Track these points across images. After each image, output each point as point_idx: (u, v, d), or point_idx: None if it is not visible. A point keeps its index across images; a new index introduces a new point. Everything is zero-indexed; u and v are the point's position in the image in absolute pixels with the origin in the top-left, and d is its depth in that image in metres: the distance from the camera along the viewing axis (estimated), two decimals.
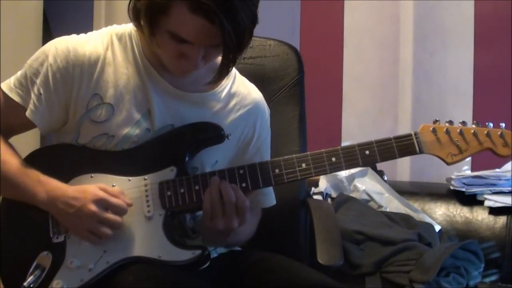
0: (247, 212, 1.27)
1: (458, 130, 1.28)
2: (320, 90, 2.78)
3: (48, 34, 2.53)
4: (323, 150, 1.30)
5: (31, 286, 1.23)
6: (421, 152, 1.28)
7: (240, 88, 1.45)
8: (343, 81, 2.87)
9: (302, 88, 1.77)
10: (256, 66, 1.75)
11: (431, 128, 1.29)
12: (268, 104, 1.51)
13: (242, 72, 1.51)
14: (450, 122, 1.30)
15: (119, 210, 1.26)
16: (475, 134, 1.27)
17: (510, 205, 2.21)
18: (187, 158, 1.34)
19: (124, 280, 1.20)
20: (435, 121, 1.30)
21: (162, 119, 1.34)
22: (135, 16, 1.26)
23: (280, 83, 1.75)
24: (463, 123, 1.29)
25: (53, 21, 2.77)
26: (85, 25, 1.47)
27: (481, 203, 2.28)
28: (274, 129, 1.52)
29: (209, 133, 1.36)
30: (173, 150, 1.34)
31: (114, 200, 1.26)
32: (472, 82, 2.70)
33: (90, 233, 1.26)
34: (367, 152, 1.29)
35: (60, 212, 1.27)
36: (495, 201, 2.24)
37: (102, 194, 1.25)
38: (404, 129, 2.76)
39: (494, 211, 2.24)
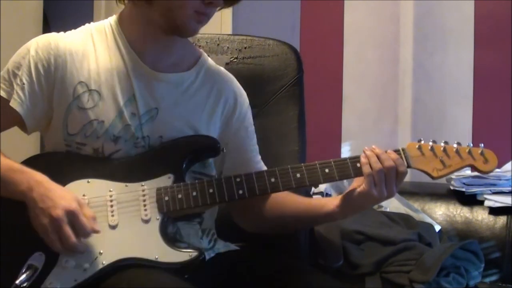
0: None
1: (442, 148, 1.37)
2: (320, 90, 2.78)
3: None
4: (316, 162, 1.35)
5: (23, 285, 1.22)
6: (408, 166, 1.35)
7: (213, 68, 1.49)
8: (343, 81, 2.87)
9: (301, 88, 1.77)
10: (255, 66, 1.76)
11: (417, 146, 1.37)
12: (267, 104, 1.53)
13: (242, 72, 1.52)
14: (434, 142, 1.38)
15: (81, 230, 1.22)
16: (457, 151, 1.36)
17: (510, 205, 2.21)
18: (184, 166, 1.35)
19: (118, 283, 1.20)
20: (419, 140, 1.38)
21: (145, 102, 1.37)
22: None
23: (279, 83, 1.75)
24: (446, 142, 1.38)
25: (53, 21, 2.77)
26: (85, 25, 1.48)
27: (481, 203, 2.28)
28: (273, 129, 1.53)
29: (205, 145, 1.39)
30: (171, 159, 1.35)
31: (83, 221, 1.22)
32: (472, 82, 2.70)
33: (45, 233, 1.22)
34: (358, 164, 1.34)
35: (32, 203, 1.23)
36: (495, 201, 2.24)
37: (75, 206, 1.22)
38: (404, 129, 2.76)
39: (494, 211, 2.23)
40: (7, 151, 1.36)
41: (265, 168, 1.49)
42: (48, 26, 2.70)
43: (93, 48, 1.38)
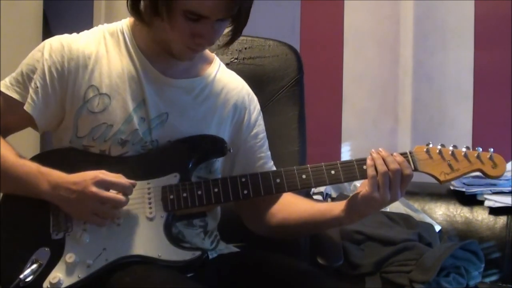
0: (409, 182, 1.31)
1: (450, 152, 1.34)
2: (320, 90, 2.78)
3: (48, 34, 2.52)
4: (322, 163, 1.34)
5: (27, 279, 1.24)
6: (415, 169, 1.33)
7: (225, 74, 1.49)
8: (343, 81, 2.86)
9: (301, 88, 1.77)
10: (255, 66, 1.76)
11: (425, 149, 1.34)
12: (267, 104, 1.52)
13: (242, 72, 1.52)
14: (442, 145, 1.35)
15: (120, 188, 1.27)
16: (466, 155, 1.34)
17: (510, 205, 2.21)
18: (190, 165, 1.35)
19: (120, 280, 1.21)
20: (428, 144, 1.36)
21: (156, 107, 1.37)
22: (137, 9, 1.30)
23: (280, 83, 1.76)
24: (454, 146, 1.35)
25: (53, 21, 2.77)
26: (85, 25, 1.48)
27: (481, 203, 2.28)
28: (273, 129, 1.53)
29: (212, 145, 1.39)
30: (177, 158, 1.36)
31: (113, 179, 1.27)
32: (472, 82, 2.70)
33: (94, 215, 1.27)
34: (364, 167, 1.32)
35: (63, 200, 1.27)
36: (495, 201, 2.24)
37: (101, 175, 1.26)
38: (404, 129, 2.76)
39: (494, 211, 2.24)
40: None
41: None
42: (48, 26, 2.69)
43: (105, 51, 1.37)
